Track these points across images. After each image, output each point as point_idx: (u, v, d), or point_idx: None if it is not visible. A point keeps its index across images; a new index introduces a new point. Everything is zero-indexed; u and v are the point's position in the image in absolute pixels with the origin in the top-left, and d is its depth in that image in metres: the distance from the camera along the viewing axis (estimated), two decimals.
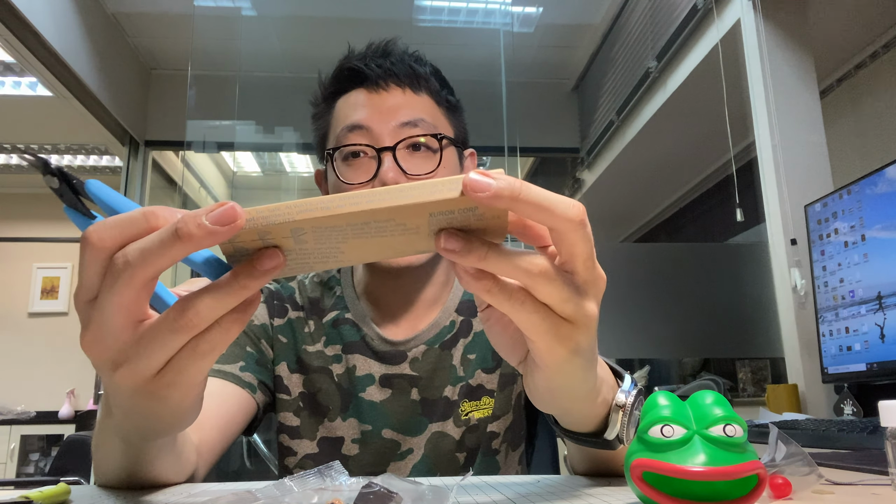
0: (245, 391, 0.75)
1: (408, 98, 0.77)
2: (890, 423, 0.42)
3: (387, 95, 0.77)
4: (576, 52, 3.81)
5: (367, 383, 0.80)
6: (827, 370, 1.52)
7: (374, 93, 0.77)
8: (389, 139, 0.74)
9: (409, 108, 0.76)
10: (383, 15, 3.41)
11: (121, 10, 3.39)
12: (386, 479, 0.38)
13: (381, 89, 0.77)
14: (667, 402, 0.36)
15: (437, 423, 0.80)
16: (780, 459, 0.41)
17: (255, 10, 3.57)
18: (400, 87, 0.78)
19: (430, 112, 0.78)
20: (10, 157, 4.38)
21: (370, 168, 0.74)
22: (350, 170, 0.75)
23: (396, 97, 0.77)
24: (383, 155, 0.74)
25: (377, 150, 0.74)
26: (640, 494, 0.36)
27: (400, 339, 0.81)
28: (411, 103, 0.77)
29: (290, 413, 0.82)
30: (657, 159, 3.58)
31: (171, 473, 0.55)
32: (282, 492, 0.38)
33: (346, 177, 0.75)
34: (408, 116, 0.76)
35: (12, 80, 3.46)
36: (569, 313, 0.37)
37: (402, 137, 0.75)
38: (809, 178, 2.03)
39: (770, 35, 2.14)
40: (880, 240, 1.36)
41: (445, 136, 0.77)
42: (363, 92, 0.78)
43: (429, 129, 0.76)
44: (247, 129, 3.69)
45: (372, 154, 0.75)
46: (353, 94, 0.79)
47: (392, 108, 0.76)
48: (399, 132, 0.75)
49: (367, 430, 0.79)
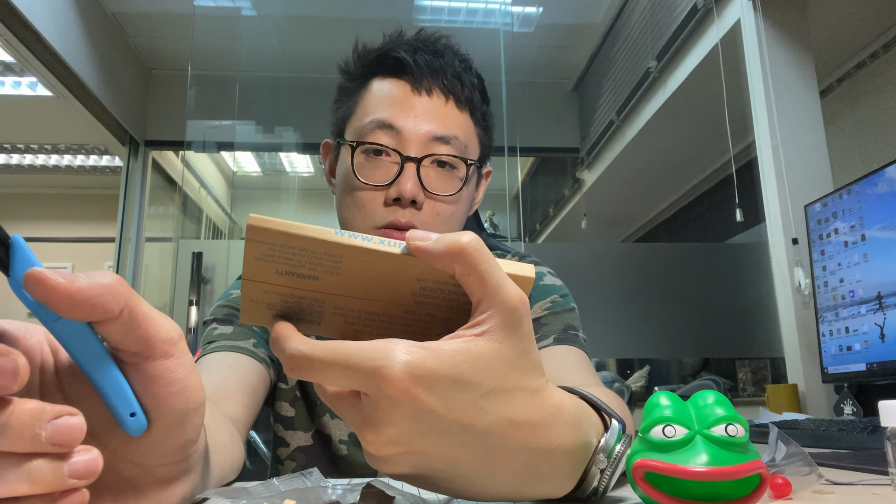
0: (262, 365, 0.74)
1: (448, 110, 0.73)
2: (890, 423, 0.42)
3: (427, 100, 0.72)
4: (576, 52, 3.80)
5: None
6: (827, 370, 1.52)
7: (414, 92, 0.72)
8: (417, 149, 0.70)
9: (446, 122, 0.72)
10: (383, 15, 3.41)
11: (121, 10, 3.39)
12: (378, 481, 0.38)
13: (423, 91, 0.72)
14: (668, 402, 0.36)
15: None
16: (780, 459, 0.41)
17: (255, 10, 3.57)
18: (443, 96, 0.73)
19: (465, 130, 0.74)
20: (10, 157, 4.37)
21: (389, 172, 0.70)
22: (368, 168, 0.71)
23: (436, 105, 0.72)
24: (407, 164, 0.70)
25: (402, 157, 0.70)
26: (642, 495, 0.36)
27: None
28: (450, 117, 0.73)
29: (286, 403, 0.81)
30: (657, 159, 3.58)
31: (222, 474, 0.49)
32: (270, 492, 0.38)
33: (363, 174, 0.71)
34: (442, 130, 0.71)
35: (12, 80, 3.45)
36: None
37: (430, 151, 0.71)
38: (809, 178, 2.03)
39: (770, 35, 2.14)
40: (880, 240, 1.36)
41: (474, 163, 0.74)
42: (404, 87, 0.73)
43: (459, 149, 0.72)
44: (247, 129, 3.69)
45: (395, 158, 0.71)
46: (390, 84, 0.73)
47: (429, 117, 0.71)
48: (429, 145, 0.71)
49: None
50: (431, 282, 0.35)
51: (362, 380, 0.30)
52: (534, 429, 0.33)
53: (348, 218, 0.73)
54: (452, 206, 0.73)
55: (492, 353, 0.32)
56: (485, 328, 0.32)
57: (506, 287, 0.33)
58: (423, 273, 0.34)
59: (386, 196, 0.70)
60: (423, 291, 0.35)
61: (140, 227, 3.73)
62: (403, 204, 0.69)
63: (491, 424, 0.32)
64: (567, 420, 0.35)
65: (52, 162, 4.42)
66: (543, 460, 0.34)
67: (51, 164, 4.44)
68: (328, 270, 0.34)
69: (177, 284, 2.98)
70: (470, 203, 0.79)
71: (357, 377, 0.30)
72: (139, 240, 3.70)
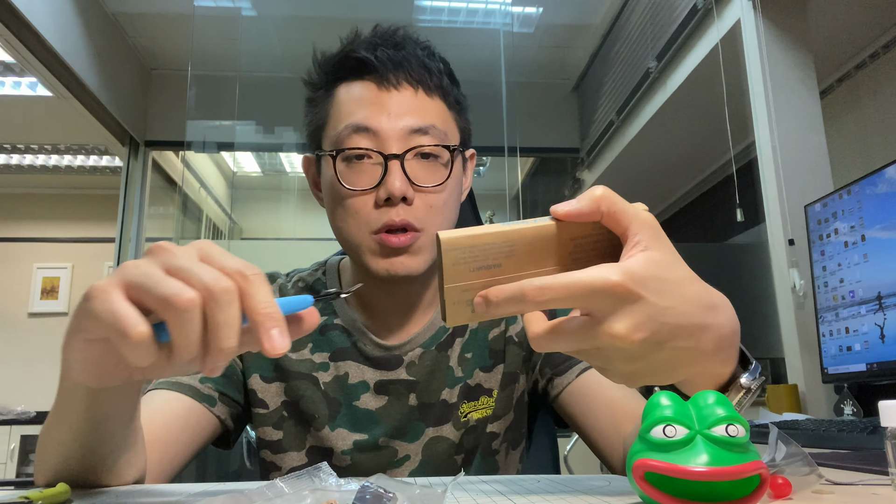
0: (202, 405, 0.72)
1: (419, 100, 0.72)
2: (890, 423, 0.42)
3: (397, 94, 0.71)
4: (576, 52, 3.81)
5: (362, 391, 0.77)
6: (827, 370, 1.52)
7: (383, 89, 0.71)
8: (398, 146, 0.70)
9: (420, 113, 0.71)
10: (383, 15, 3.41)
11: (121, 10, 3.39)
12: (377, 479, 0.38)
13: (391, 86, 0.71)
14: (669, 402, 0.36)
15: (434, 427, 0.77)
16: (780, 459, 0.41)
17: (255, 10, 3.57)
18: (412, 87, 0.72)
19: (441, 117, 0.74)
20: (10, 157, 4.37)
21: (374, 174, 0.70)
22: (352, 173, 0.71)
23: (407, 98, 0.71)
24: (390, 163, 0.69)
25: (384, 157, 0.69)
26: (643, 494, 0.36)
27: (394, 343, 0.78)
28: (423, 106, 0.72)
29: (269, 427, 0.77)
30: (657, 159, 3.58)
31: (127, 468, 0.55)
32: (274, 493, 0.38)
33: (348, 181, 0.70)
34: (419, 122, 0.71)
35: (12, 80, 3.45)
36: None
37: (411, 145, 0.70)
38: (809, 178, 2.03)
39: (770, 35, 2.14)
40: (880, 240, 1.36)
41: (454, 147, 0.73)
42: (371, 86, 0.72)
43: (439, 138, 0.72)
44: (247, 129, 3.69)
45: (377, 160, 0.70)
46: (358, 86, 0.72)
47: (402, 111, 0.71)
48: (408, 139, 0.70)
49: (362, 439, 0.76)
50: (580, 238, 0.44)
51: (597, 292, 0.40)
52: (714, 309, 0.44)
53: (342, 228, 0.72)
54: (443, 195, 0.72)
55: (660, 254, 0.42)
56: (645, 243, 0.42)
57: (641, 212, 0.43)
58: (573, 233, 0.44)
59: (376, 198, 0.70)
60: (576, 249, 0.45)
61: (140, 228, 3.73)
62: (394, 203, 0.69)
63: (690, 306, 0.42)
64: (729, 306, 0.45)
65: (52, 162, 4.41)
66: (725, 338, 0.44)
67: (51, 164, 4.44)
68: (506, 255, 0.43)
69: None
70: (460, 188, 0.78)
71: (593, 293, 0.40)
72: (139, 240, 3.70)
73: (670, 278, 0.42)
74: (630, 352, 0.41)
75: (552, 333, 0.43)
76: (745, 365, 0.47)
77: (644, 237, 0.42)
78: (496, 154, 3.64)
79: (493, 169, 4.55)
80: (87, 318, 0.39)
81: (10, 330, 4.55)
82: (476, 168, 5.03)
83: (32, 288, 4.64)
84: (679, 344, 0.42)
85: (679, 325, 0.41)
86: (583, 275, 0.40)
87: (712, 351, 0.43)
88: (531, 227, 0.43)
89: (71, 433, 0.50)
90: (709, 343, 0.43)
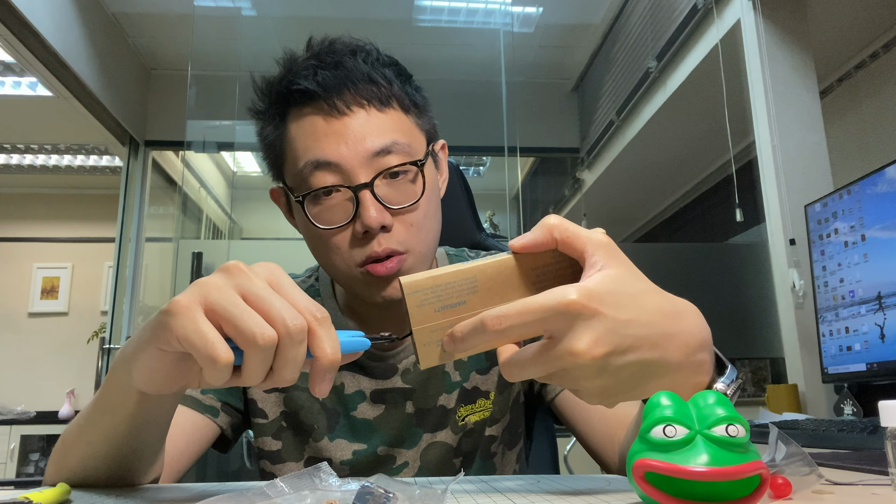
0: (205, 416, 0.73)
1: (374, 119, 0.67)
2: (890, 423, 0.42)
3: (349, 120, 0.66)
4: (576, 52, 3.80)
5: (358, 400, 0.77)
6: (827, 370, 1.52)
7: (333, 116, 0.66)
8: (364, 173, 0.65)
9: (378, 132, 0.67)
10: (383, 15, 3.41)
11: (121, 10, 3.39)
12: (378, 479, 0.38)
13: (341, 113, 0.66)
14: (669, 402, 0.36)
15: (431, 433, 0.77)
16: (780, 459, 0.41)
17: (255, 10, 3.57)
18: (363, 108, 0.67)
19: (401, 128, 0.69)
20: (10, 157, 4.37)
21: (346, 209, 0.66)
22: (324, 211, 0.67)
23: (360, 120, 0.66)
24: (360, 194, 0.65)
25: (353, 190, 0.66)
26: (643, 494, 0.36)
27: (388, 353, 0.77)
28: (379, 125, 0.67)
29: (268, 437, 0.78)
30: (657, 159, 3.58)
31: (155, 468, 0.58)
32: (274, 493, 0.38)
33: (322, 220, 0.67)
34: (379, 143, 0.66)
35: (12, 80, 3.45)
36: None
37: (377, 169, 0.66)
38: (809, 178, 2.03)
39: (770, 35, 2.14)
40: (880, 240, 1.36)
41: (422, 161, 0.69)
42: (320, 115, 0.67)
43: (404, 151, 0.67)
44: (247, 129, 3.68)
45: (347, 194, 0.66)
46: (307, 117, 0.68)
47: (359, 136, 0.66)
48: (372, 163, 0.66)
49: (361, 448, 0.76)
50: (541, 267, 0.46)
51: (553, 312, 0.41)
52: (678, 316, 0.44)
53: (327, 264, 0.71)
54: (422, 209, 0.69)
55: (616, 271, 0.43)
56: (601, 263, 0.43)
57: (595, 234, 0.45)
58: (534, 263, 0.46)
59: (354, 231, 0.67)
60: (539, 279, 0.46)
61: (140, 228, 3.72)
62: (373, 234, 0.66)
63: (650, 316, 0.42)
64: (696, 313, 0.45)
65: (52, 162, 4.41)
66: (694, 345, 0.44)
67: (51, 164, 4.43)
68: (469, 292, 0.44)
69: (177, 285, 2.98)
70: (437, 192, 0.74)
71: (548, 314, 0.41)
72: (139, 240, 3.70)
73: (628, 292, 0.43)
74: (594, 368, 0.41)
75: (517, 360, 0.44)
76: (722, 371, 0.47)
77: (600, 257, 0.44)
78: (496, 154, 3.64)
79: (493, 169, 4.55)
80: (168, 331, 0.41)
81: (10, 330, 4.55)
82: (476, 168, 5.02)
83: (32, 288, 4.64)
84: (644, 356, 0.42)
85: (640, 336, 0.42)
86: (538, 298, 0.41)
87: (681, 360, 0.43)
88: (491, 262, 0.45)
89: (105, 434, 0.51)
90: (676, 352, 0.43)
